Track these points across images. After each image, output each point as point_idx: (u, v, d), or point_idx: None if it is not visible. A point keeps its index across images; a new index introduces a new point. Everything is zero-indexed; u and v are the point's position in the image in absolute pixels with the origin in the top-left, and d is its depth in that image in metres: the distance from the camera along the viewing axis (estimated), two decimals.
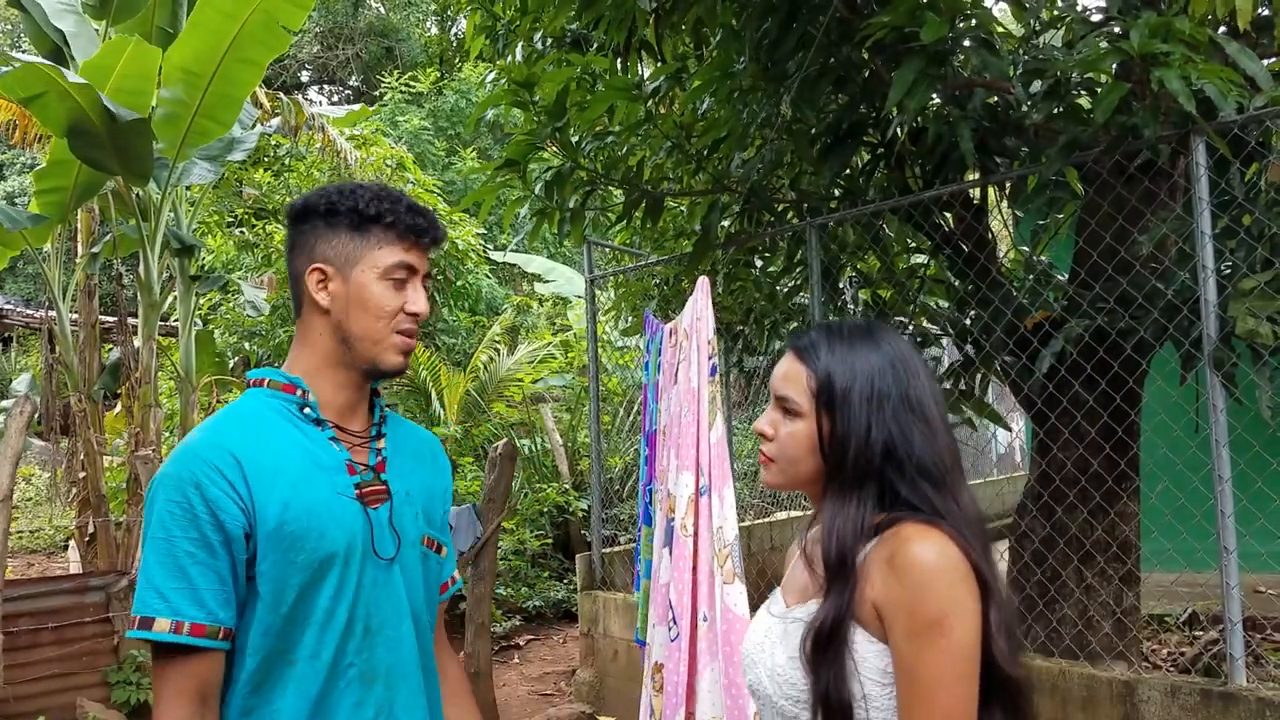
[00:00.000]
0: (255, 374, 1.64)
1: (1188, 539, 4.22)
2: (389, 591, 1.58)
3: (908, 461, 1.39)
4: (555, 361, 10.54)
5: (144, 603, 1.42)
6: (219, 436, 1.50)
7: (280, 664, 1.48)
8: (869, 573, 1.36)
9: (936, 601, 1.29)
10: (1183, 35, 3.06)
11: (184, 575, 1.42)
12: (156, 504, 1.45)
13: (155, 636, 1.40)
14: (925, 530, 1.34)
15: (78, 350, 8.23)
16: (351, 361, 1.60)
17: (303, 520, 1.48)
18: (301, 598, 1.48)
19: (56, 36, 8.08)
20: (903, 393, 1.42)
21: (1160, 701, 3.35)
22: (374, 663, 1.55)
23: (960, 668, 1.29)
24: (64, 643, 5.14)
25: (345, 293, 1.58)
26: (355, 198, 1.59)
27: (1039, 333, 3.92)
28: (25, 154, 17.35)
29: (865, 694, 1.35)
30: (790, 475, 1.49)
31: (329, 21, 22.66)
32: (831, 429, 1.42)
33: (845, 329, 1.49)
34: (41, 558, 9.76)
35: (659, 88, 4.38)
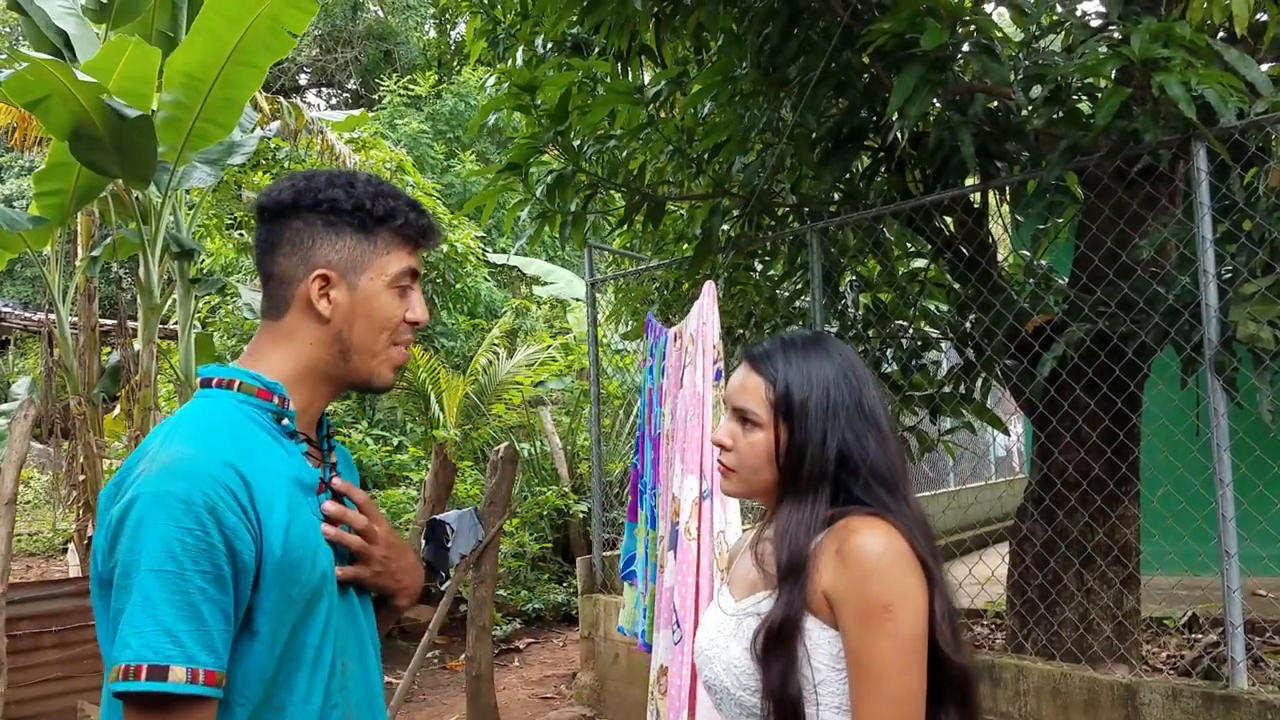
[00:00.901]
0: (218, 372, 1.41)
1: (1189, 542, 4.23)
2: (350, 620, 1.44)
3: (862, 467, 1.45)
4: (554, 364, 10.55)
5: (153, 648, 1.18)
6: (219, 450, 1.28)
7: (267, 713, 1.30)
8: (819, 564, 1.40)
9: (884, 588, 1.34)
10: (1183, 41, 3.07)
11: (197, 615, 1.20)
12: (156, 526, 1.21)
13: (171, 689, 1.18)
14: (872, 521, 1.40)
15: (77, 353, 8.24)
16: (341, 374, 1.45)
17: (300, 548, 1.31)
18: (294, 636, 1.31)
19: (58, 39, 8.09)
20: (856, 401, 1.48)
21: (1161, 705, 3.35)
22: (349, 699, 1.40)
23: (908, 653, 1.34)
24: (65, 646, 5.15)
25: (350, 302, 1.42)
26: (358, 194, 1.43)
27: (1040, 337, 3.93)
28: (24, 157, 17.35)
29: (818, 680, 1.40)
30: (750, 484, 1.54)
31: (328, 25, 22.67)
32: (790, 439, 1.47)
33: (798, 340, 1.54)
34: (40, 561, 9.76)
35: (660, 92, 4.39)
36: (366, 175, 1.48)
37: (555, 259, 13.94)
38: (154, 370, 8.28)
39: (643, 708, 4.88)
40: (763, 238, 5.07)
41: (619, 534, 7.81)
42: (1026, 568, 4.16)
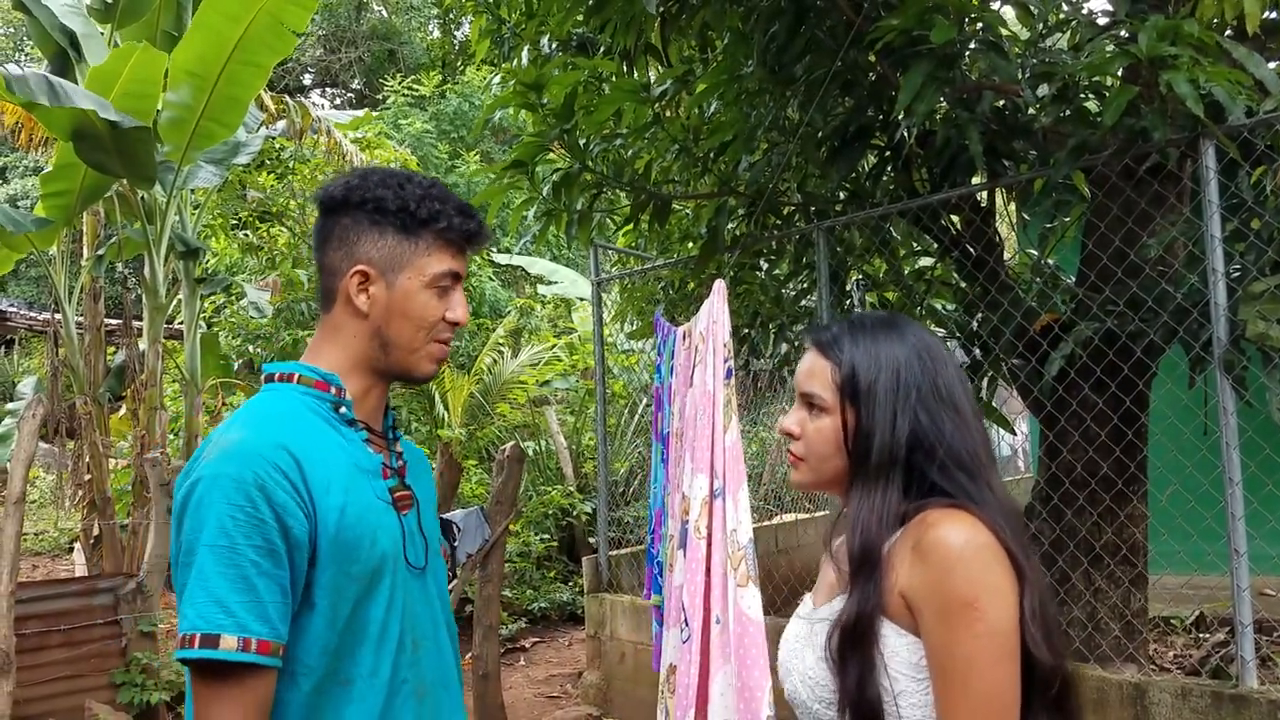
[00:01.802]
0: (280, 367, 1.51)
1: (1198, 541, 4.22)
2: (425, 601, 1.51)
3: (938, 449, 1.36)
4: (559, 364, 10.55)
5: (205, 618, 1.26)
6: (273, 434, 1.36)
7: (333, 686, 1.36)
8: (895, 563, 1.32)
9: (967, 582, 1.25)
10: (1191, 39, 3.06)
11: (250, 587, 1.27)
12: (212, 506, 1.29)
13: (222, 655, 1.25)
14: (951, 513, 1.31)
15: (83, 353, 8.25)
16: (385, 367, 1.51)
17: (357, 527, 1.37)
18: (356, 611, 1.37)
19: (63, 39, 8.09)
20: (930, 382, 1.39)
21: (1171, 704, 3.35)
22: (423, 677, 1.46)
23: (996, 650, 1.24)
24: (72, 645, 5.15)
25: (387, 299, 1.48)
26: (405, 196, 1.48)
27: (1048, 336, 3.92)
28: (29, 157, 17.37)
29: (898, 690, 1.30)
30: (820, 473, 1.46)
31: (332, 25, 22.68)
32: (857, 422, 1.40)
33: (868, 321, 1.47)
34: (46, 560, 9.77)
35: (666, 91, 4.38)
36: (421, 177, 1.53)
37: (559, 258, 13.95)
38: (159, 370, 8.29)
39: (649, 706, 4.88)
40: (769, 237, 5.07)
41: (624, 533, 7.81)
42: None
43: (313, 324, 10.51)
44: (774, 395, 8.71)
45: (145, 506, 7.12)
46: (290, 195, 11.47)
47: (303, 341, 9.98)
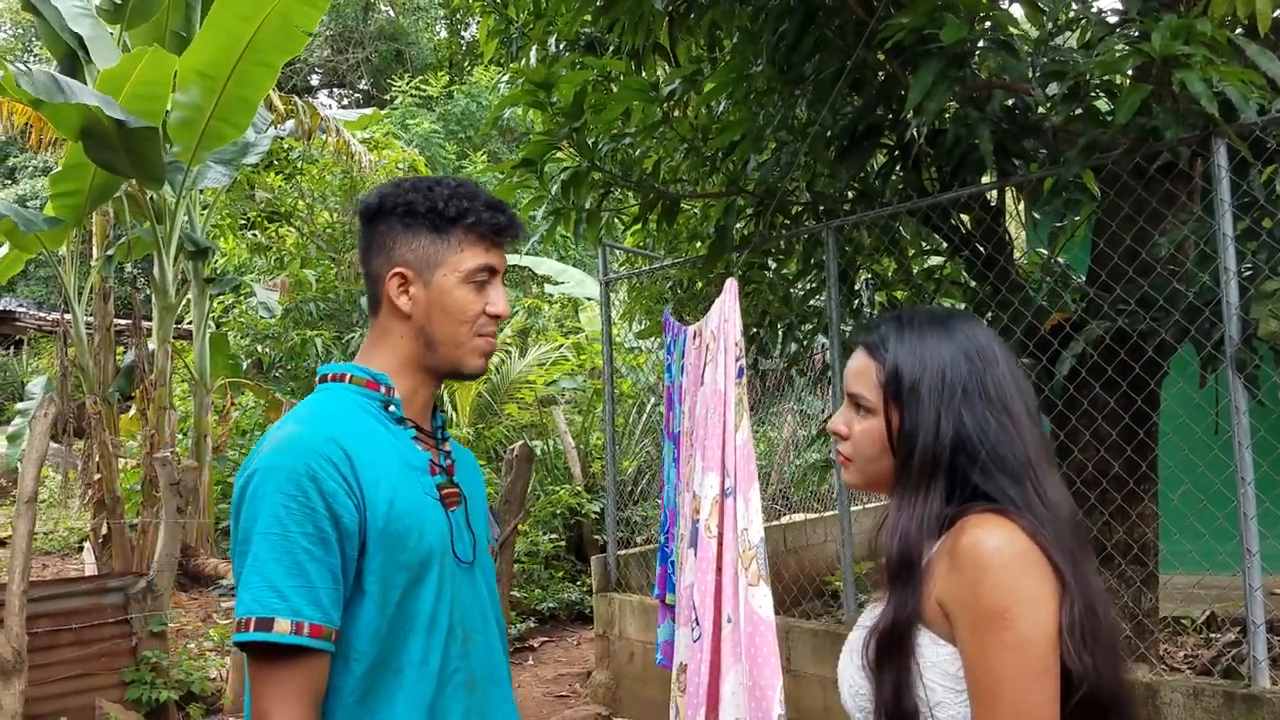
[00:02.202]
0: (333, 368, 1.57)
1: (1210, 541, 4.21)
2: (474, 595, 1.55)
3: (981, 451, 1.31)
4: (567, 364, 10.56)
5: (261, 602, 1.31)
6: (325, 428, 1.42)
7: (385, 673, 1.40)
8: (934, 570, 1.29)
9: (999, 590, 1.20)
10: (1204, 37, 3.05)
11: (301, 572, 1.33)
12: (266, 496, 1.35)
13: (276, 638, 1.30)
14: (989, 518, 1.27)
15: (92, 353, 8.27)
16: (433, 365, 1.56)
17: (405, 519, 1.42)
18: (405, 600, 1.42)
19: (72, 40, 8.12)
20: (978, 382, 1.34)
21: (1183, 704, 3.33)
22: (473, 669, 1.50)
23: (1029, 664, 1.19)
24: (83, 644, 5.17)
25: (426, 297, 1.53)
26: (433, 196, 1.53)
27: (1059, 335, 3.91)
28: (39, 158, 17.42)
29: (934, 701, 1.27)
30: (868, 474, 1.44)
31: (339, 25, 22.72)
32: (900, 423, 1.36)
33: (917, 319, 1.43)
34: (56, 559, 9.79)
35: (675, 90, 4.38)
36: (450, 179, 1.59)
37: (567, 258, 13.96)
38: (169, 369, 8.31)
39: (658, 706, 4.88)
40: (777, 236, 5.06)
41: (632, 533, 7.81)
42: None
43: (320, 324, 10.57)
44: (782, 395, 8.70)
45: (154, 506, 7.14)
46: (298, 195, 11.49)
47: (311, 341, 10.01)
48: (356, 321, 10.49)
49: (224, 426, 9.81)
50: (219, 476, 9.70)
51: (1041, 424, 1.43)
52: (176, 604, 7.35)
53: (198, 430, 8.88)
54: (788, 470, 9.12)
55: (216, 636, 6.61)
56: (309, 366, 10.22)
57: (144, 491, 8.02)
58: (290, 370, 10.54)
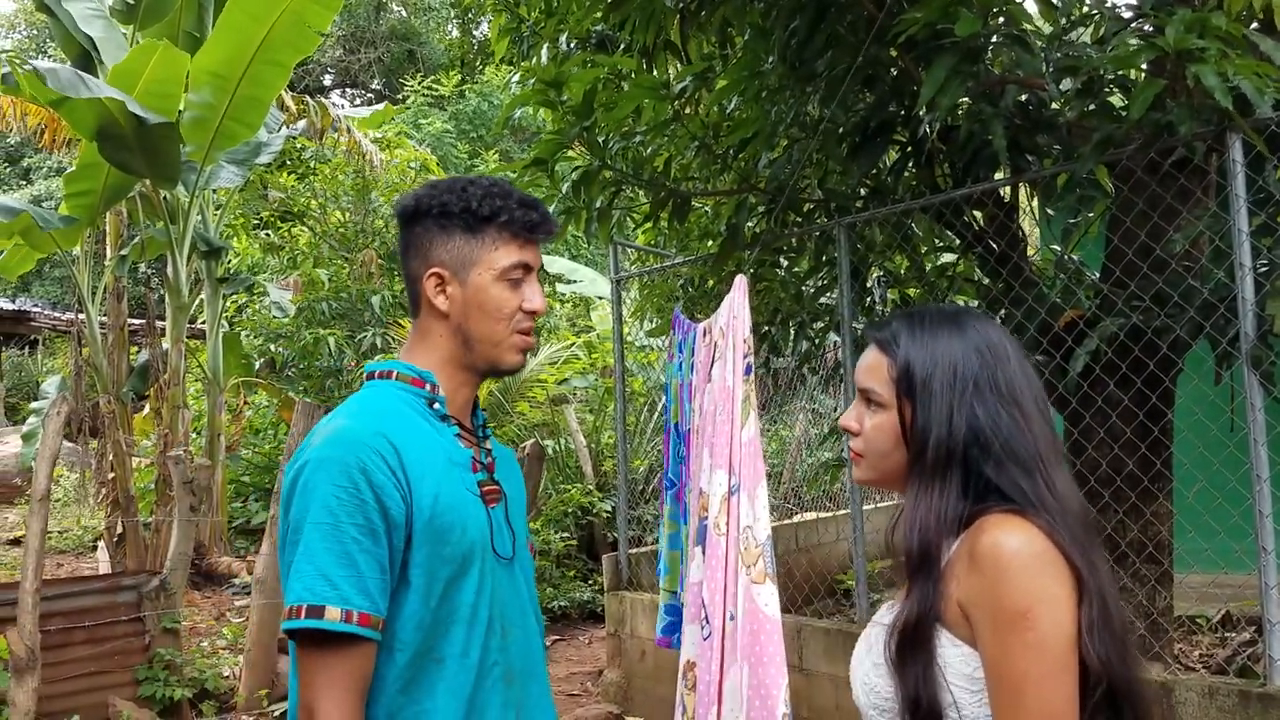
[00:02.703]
0: (379, 366, 1.62)
1: (1224, 539, 4.18)
2: (513, 590, 1.59)
3: (994, 445, 1.33)
4: (578, 362, 10.55)
5: (312, 590, 1.35)
6: (373, 423, 1.46)
7: (427, 663, 1.44)
8: (954, 570, 1.30)
9: (1020, 592, 1.22)
10: (1218, 31, 3.03)
11: (351, 562, 1.37)
12: (318, 487, 1.39)
13: (327, 626, 1.34)
14: (1008, 519, 1.28)
15: (106, 352, 8.31)
16: (472, 362, 1.61)
17: (449, 513, 1.46)
18: (448, 592, 1.46)
19: (85, 41, 8.15)
20: (990, 377, 1.36)
21: (1198, 703, 3.31)
22: (511, 662, 1.54)
23: (1050, 663, 1.20)
24: (96, 642, 5.18)
25: (463, 296, 1.57)
26: (467, 197, 1.57)
27: (1073, 332, 3.89)
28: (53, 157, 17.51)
29: (953, 701, 1.28)
30: (880, 469, 1.45)
31: (351, 25, 22.78)
32: (913, 418, 1.38)
33: (928, 316, 1.45)
34: (70, 558, 9.84)
35: (686, 88, 4.37)
36: (484, 179, 1.62)
37: (578, 257, 13.96)
38: (182, 369, 8.34)
39: (669, 704, 4.87)
40: (789, 234, 5.05)
41: (644, 531, 7.81)
42: None
43: (333, 323, 10.60)
44: (794, 393, 8.68)
45: (168, 504, 7.17)
46: (311, 195, 11.52)
47: (323, 340, 10.04)
48: (368, 321, 10.51)
49: (237, 425, 9.85)
50: (232, 475, 9.73)
51: (1052, 419, 1.44)
52: (190, 602, 7.37)
53: (211, 429, 8.91)
54: (800, 469, 9.10)
55: (230, 634, 6.63)
56: (321, 366, 10.25)
57: (158, 490, 8.05)
58: (303, 369, 10.57)
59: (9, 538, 10.25)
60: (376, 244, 11.18)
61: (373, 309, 10.45)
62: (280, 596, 5.15)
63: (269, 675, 5.60)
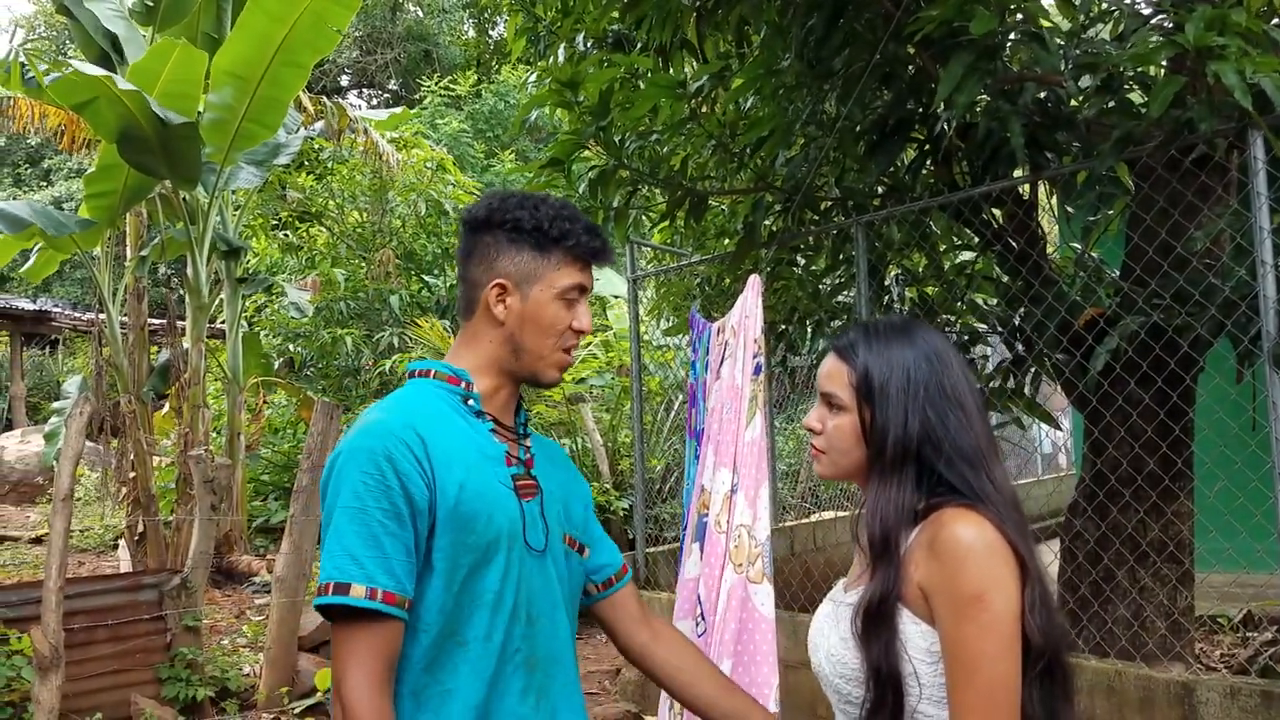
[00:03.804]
0: (420, 365, 1.71)
1: (1246, 538, 4.15)
2: (544, 581, 1.65)
3: (945, 444, 1.49)
4: (595, 361, 10.56)
5: (339, 569, 1.45)
6: (403, 416, 1.55)
7: (451, 645, 1.52)
8: (914, 557, 1.46)
9: (976, 578, 1.38)
10: (1238, 28, 3.01)
11: (377, 544, 1.46)
12: (348, 474, 1.49)
13: (352, 601, 1.43)
14: (964, 513, 1.44)
15: (127, 352, 8.36)
16: (514, 370, 1.69)
17: (475, 502, 1.54)
18: (471, 577, 1.53)
19: (105, 42, 8.21)
20: (938, 383, 1.53)
21: (1219, 704, 3.29)
22: (535, 649, 1.61)
23: (1000, 642, 1.37)
24: (118, 640, 5.22)
25: (521, 309, 1.66)
26: (539, 216, 1.65)
27: (1092, 330, 3.87)
28: (73, 159, 17.64)
29: (913, 671, 1.44)
30: (840, 466, 1.60)
31: (368, 26, 22.85)
32: (872, 419, 1.54)
33: (882, 327, 1.61)
34: (91, 556, 9.91)
35: (702, 87, 4.37)
36: (553, 199, 1.72)
37: None
38: (202, 368, 8.39)
39: None
40: (806, 232, 5.03)
41: (661, 530, 7.80)
42: (1079, 564, 4.10)
43: (351, 322, 10.64)
44: (810, 392, 8.66)
45: (189, 503, 7.21)
46: (329, 195, 11.56)
47: (341, 340, 10.07)
48: (386, 320, 10.55)
49: (256, 425, 9.90)
50: (252, 474, 9.78)
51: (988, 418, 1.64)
52: (210, 601, 7.41)
53: (231, 428, 8.96)
54: None
55: (250, 633, 6.67)
56: (339, 365, 10.28)
57: (178, 489, 8.10)
58: (321, 369, 10.62)
59: (31, 536, 10.33)
60: (394, 244, 11.22)
61: (390, 308, 10.49)
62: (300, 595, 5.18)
63: (289, 673, 5.63)
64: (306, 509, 5.67)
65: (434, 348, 9.67)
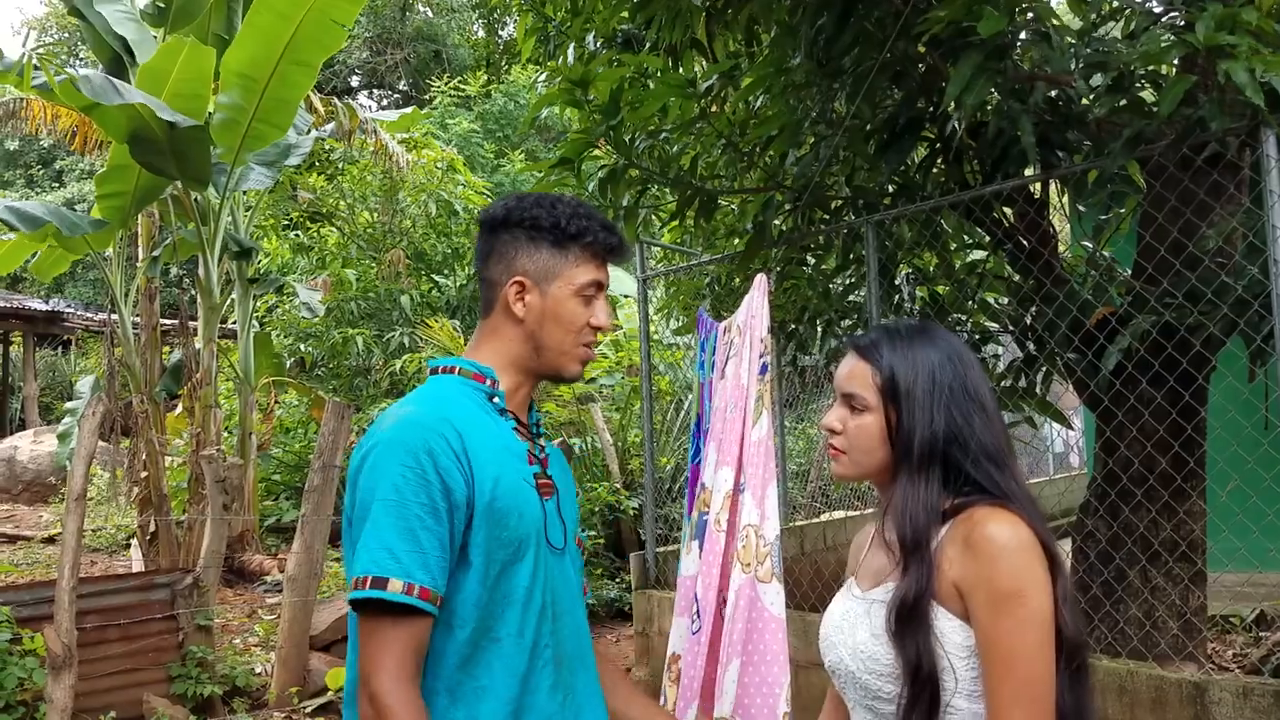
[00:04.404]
0: (442, 362, 1.71)
1: (1259, 538, 4.13)
2: (564, 579, 1.66)
3: (971, 444, 1.52)
4: (605, 361, 10.56)
5: (377, 563, 1.43)
6: (438, 410, 1.55)
7: (485, 641, 1.52)
8: (947, 554, 1.48)
9: (1013, 574, 1.41)
10: (1249, 26, 2.99)
11: (415, 539, 1.45)
12: (387, 466, 1.48)
13: (389, 596, 1.41)
14: (997, 511, 1.47)
15: (139, 352, 8.40)
16: (536, 367, 1.70)
17: (508, 499, 1.54)
18: (504, 574, 1.53)
19: (117, 44, 8.24)
20: (961, 383, 1.55)
21: (1232, 703, 3.28)
22: (562, 646, 1.61)
23: (1038, 636, 1.40)
24: (130, 639, 5.24)
25: (541, 306, 1.67)
26: (557, 214, 1.67)
27: (1104, 329, 3.86)
28: (85, 160, 17.71)
29: (949, 667, 1.46)
30: (862, 466, 1.60)
31: (378, 27, 22.89)
32: (898, 420, 1.55)
33: (903, 329, 1.62)
34: (104, 556, 9.95)
35: (712, 86, 4.36)
36: (569, 198, 1.73)
37: None
38: (214, 368, 8.42)
39: None
40: (816, 231, 5.03)
41: (671, 529, 7.79)
42: (1091, 564, 4.09)
43: (362, 322, 10.66)
44: (821, 391, 8.65)
45: (200, 503, 7.24)
46: (340, 196, 11.59)
47: (352, 340, 10.09)
48: (396, 320, 10.57)
49: (268, 424, 9.93)
50: (263, 474, 9.81)
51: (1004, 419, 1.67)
52: (222, 600, 7.44)
53: (243, 428, 8.99)
54: (828, 468, 9.06)
55: (261, 632, 6.69)
56: (350, 365, 10.31)
57: (190, 489, 8.14)
58: (332, 369, 10.64)
59: (44, 536, 10.38)
60: (404, 244, 11.24)
61: (401, 308, 10.51)
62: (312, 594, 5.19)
63: (301, 672, 5.65)
64: (318, 508, 5.68)
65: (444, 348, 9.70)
